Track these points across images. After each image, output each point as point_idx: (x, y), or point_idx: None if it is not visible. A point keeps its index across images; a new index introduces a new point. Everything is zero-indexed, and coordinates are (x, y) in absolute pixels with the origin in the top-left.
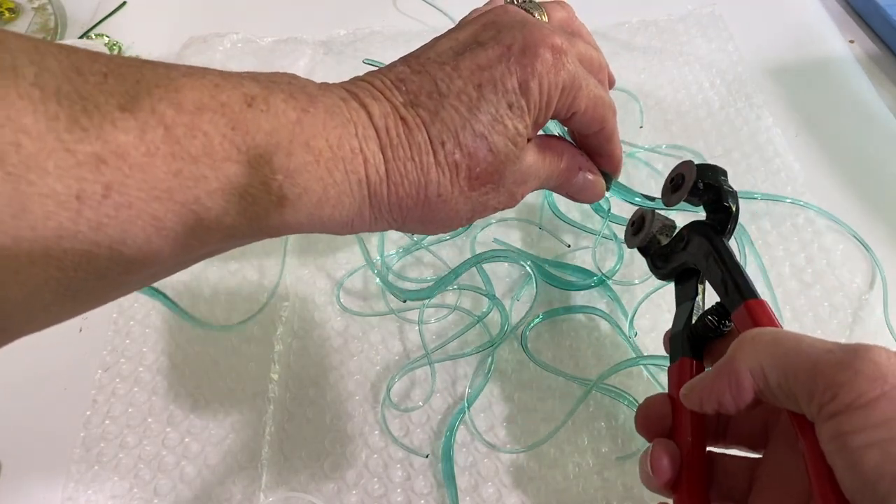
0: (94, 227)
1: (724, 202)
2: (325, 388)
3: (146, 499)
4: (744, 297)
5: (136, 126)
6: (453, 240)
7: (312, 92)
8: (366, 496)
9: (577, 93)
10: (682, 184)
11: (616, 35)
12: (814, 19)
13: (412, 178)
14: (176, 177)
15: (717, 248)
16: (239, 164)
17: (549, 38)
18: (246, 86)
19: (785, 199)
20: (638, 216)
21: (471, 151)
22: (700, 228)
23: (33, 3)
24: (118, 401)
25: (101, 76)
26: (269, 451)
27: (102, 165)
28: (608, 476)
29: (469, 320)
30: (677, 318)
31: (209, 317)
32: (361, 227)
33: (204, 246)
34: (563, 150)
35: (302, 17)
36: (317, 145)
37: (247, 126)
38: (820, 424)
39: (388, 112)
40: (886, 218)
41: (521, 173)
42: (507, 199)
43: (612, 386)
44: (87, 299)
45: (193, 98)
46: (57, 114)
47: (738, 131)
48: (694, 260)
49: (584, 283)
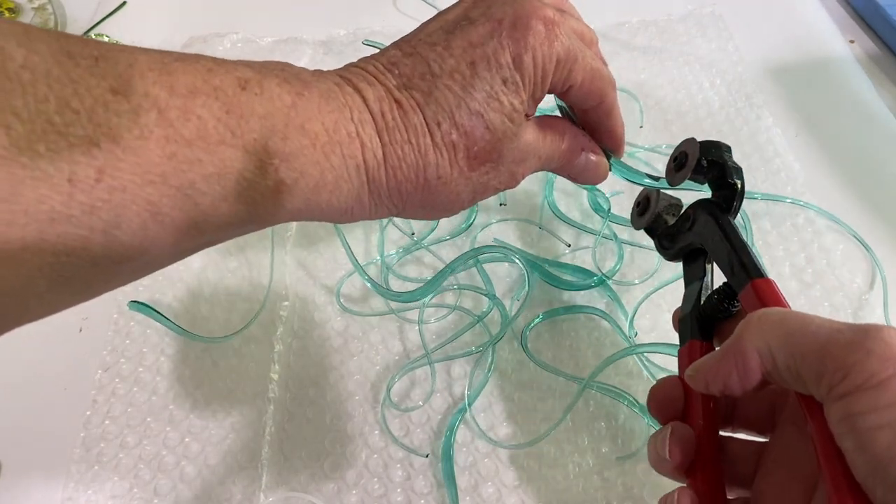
0: (87, 210)
1: (729, 178)
2: (325, 388)
3: (146, 499)
4: (750, 277)
5: (129, 109)
6: (453, 240)
7: (306, 78)
8: (366, 496)
9: (573, 65)
10: (685, 162)
11: (616, 35)
12: (814, 19)
13: (410, 160)
14: (170, 160)
15: (722, 226)
16: (234, 148)
17: (541, 10)
18: (240, 70)
19: (785, 199)
20: (643, 196)
21: (467, 130)
22: (706, 207)
23: (33, 2)
24: (118, 401)
25: (93, 59)
26: (269, 451)
27: (94, 148)
28: (608, 476)
29: (468, 320)
30: (686, 300)
31: (209, 316)
32: (361, 214)
33: (201, 234)
34: (565, 130)
35: (302, 17)
36: (312, 129)
37: (241, 109)
38: (829, 405)
39: (383, 95)
40: (886, 218)
41: (521, 151)
42: (508, 179)
43: (611, 386)
44: (81, 288)
45: (186, 82)
46: (47, 96)
47: (738, 131)
48: (700, 239)
49: (584, 283)
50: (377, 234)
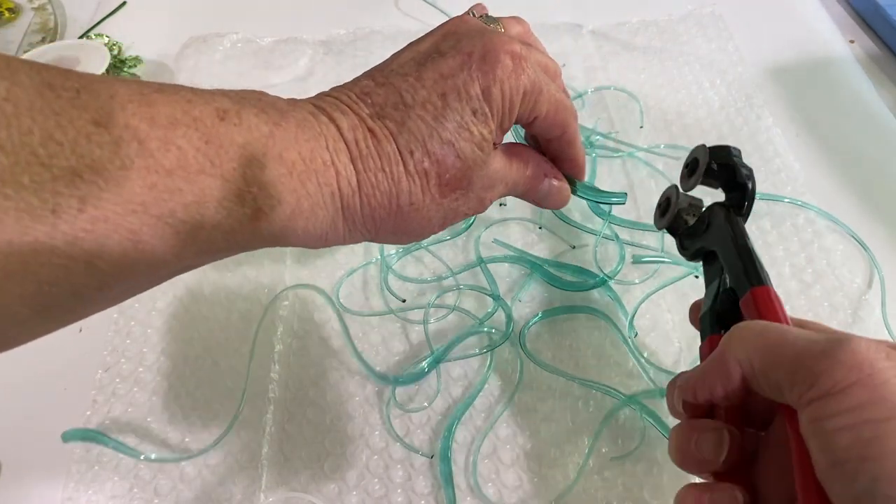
0: (70, 241)
1: (739, 180)
2: (325, 389)
3: (146, 499)
4: (751, 283)
5: (111, 140)
6: (453, 240)
7: (282, 107)
8: (366, 497)
9: (538, 97)
10: (696, 168)
11: (616, 35)
12: (814, 19)
13: (384, 188)
14: (151, 190)
15: (731, 229)
16: (213, 177)
17: (508, 44)
18: (218, 101)
19: (785, 198)
20: (664, 197)
21: (439, 159)
22: (718, 209)
23: (33, 3)
24: (118, 401)
25: (74, 92)
26: (269, 451)
27: (77, 179)
28: (608, 476)
29: (468, 319)
30: (706, 298)
31: (209, 316)
32: (335, 239)
33: (179, 260)
34: (529, 158)
35: (302, 17)
36: (289, 157)
37: (220, 139)
38: (801, 411)
39: (357, 124)
40: (886, 218)
41: (489, 178)
42: (477, 205)
43: (611, 387)
44: (63, 315)
45: (167, 113)
46: (31, 128)
47: (738, 131)
48: (713, 242)
49: (585, 284)
50: None
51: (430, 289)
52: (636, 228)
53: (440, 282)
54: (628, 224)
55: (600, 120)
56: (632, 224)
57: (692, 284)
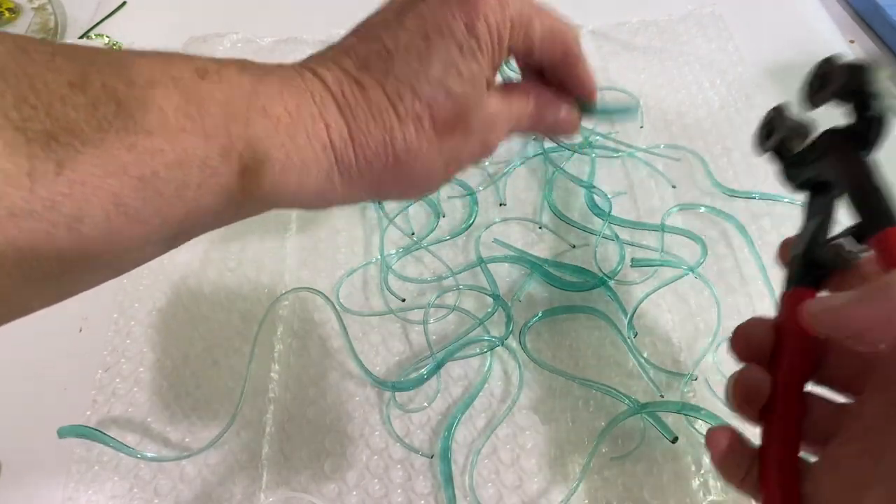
0: (48, 205)
1: (870, 110)
2: (325, 389)
3: (146, 499)
4: (892, 223)
5: (87, 102)
6: (453, 240)
7: (266, 67)
8: (366, 497)
9: (529, 25)
10: (826, 84)
11: (616, 35)
12: (814, 19)
13: (377, 137)
14: (130, 151)
15: (857, 163)
16: (195, 136)
17: None
18: (198, 62)
19: (785, 198)
20: (768, 118)
21: (430, 100)
22: (838, 139)
23: (33, 3)
24: (118, 401)
25: (49, 55)
26: (269, 451)
27: (53, 142)
28: (608, 476)
29: (468, 319)
30: (801, 237)
31: (209, 316)
32: (334, 197)
33: (166, 225)
34: (529, 90)
35: (302, 17)
36: (274, 112)
37: (200, 97)
38: None
39: (342, 77)
40: None
41: (489, 118)
42: (481, 148)
43: (610, 387)
44: (50, 287)
45: (145, 74)
46: (3, 92)
47: (738, 131)
48: (829, 174)
49: (585, 284)
50: (377, 234)
51: (430, 289)
52: (636, 228)
53: (440, 282)
54: (628, 224)
55: (600, 120)
56: (632, 224)
57: (692, 284)
